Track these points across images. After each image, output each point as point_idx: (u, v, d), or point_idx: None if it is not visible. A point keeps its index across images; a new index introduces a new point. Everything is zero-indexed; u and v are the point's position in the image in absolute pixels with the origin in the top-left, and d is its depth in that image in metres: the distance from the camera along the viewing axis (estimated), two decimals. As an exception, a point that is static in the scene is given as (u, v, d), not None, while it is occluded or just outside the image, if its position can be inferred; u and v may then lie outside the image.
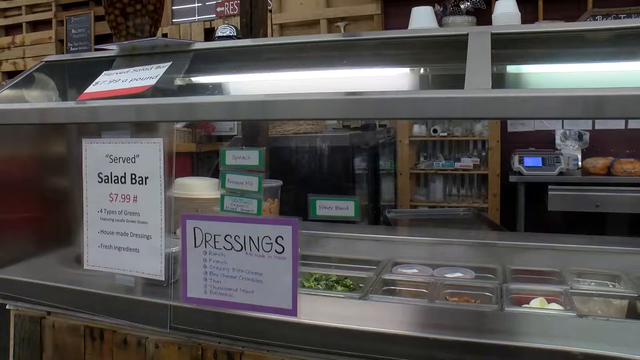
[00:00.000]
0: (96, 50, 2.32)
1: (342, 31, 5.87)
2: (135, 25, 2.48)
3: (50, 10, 7.55)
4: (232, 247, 1.51)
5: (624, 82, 1.57)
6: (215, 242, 1.53)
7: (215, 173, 1.74)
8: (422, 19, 3.32)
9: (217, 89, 2.23)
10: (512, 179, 4.68)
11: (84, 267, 1.80)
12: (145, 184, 1.70)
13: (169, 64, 1.91)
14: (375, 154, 4.97)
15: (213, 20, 6.62)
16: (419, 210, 5.01)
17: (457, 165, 5.19)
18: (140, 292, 1.74)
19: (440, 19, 5.15)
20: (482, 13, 5.17)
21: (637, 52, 1.75)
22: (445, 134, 5.25)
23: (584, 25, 1.85)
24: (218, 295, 1.55)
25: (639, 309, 1.64)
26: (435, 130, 5.23)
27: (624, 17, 4.75)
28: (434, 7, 5.16)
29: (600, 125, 5.05)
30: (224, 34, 3.93)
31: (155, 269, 1.68)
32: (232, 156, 1.60)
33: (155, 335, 1.67)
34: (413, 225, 3.80)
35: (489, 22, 4.52)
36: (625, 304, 1.68)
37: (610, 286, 1.83)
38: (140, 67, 1.95)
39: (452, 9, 5.28)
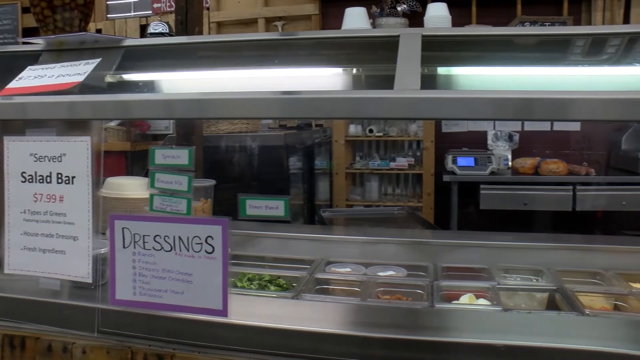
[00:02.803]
0: (23, 44, 2.23)
1: (280, 30, 5.86)
2: (63, 19, 2.39)
3: (-28, -1, 7.18)
4: (162, 247, 1.48)
5: (547, 85, 1.65)
6: (144, 242, 1.50)
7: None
8: (355, 20, 3.37)
9: (149, 87, 2.18)
10: (446, 178, 4.80)
11: (5, 272, 1.72)
12: (72, 183, 1.65)
13: (99, 60, 1.86)
14: (310, 154, 4.99)
15: (150, 16, 6.48)
16: (353, 209, 5.07)
17: (393, 165, 5.28)
18: (66, 295, 1.68)
19: (377, 19, 5.22)
20: (418, 15, 5.28)
21: (558, 58, 1.83)
22: (381, 134, 5.33)
23: (510, 30, 1.92)
24: (147, 296, 1.51)
25: (557, 300, 1.72)
26: (371, 130, 5.30)
27: (548, 25, 4.96)
28: (371, 8, 5.24)
29: (529, 126, 5.26)
30: (156, 31, 3.85)
31: (82, 271, 1.62)
32: (162, 155, 1.57)
33: (82, 340, 1.62)
34: (348, 224, 3.84)
35: (422, 24, 4.63)
36: (546, 297, 1.76)
37: (534, 281, 1.91)
38: (68, 63, 1.88)
39: (389, 11, 5.36)
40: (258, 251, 2.17)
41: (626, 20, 5.10)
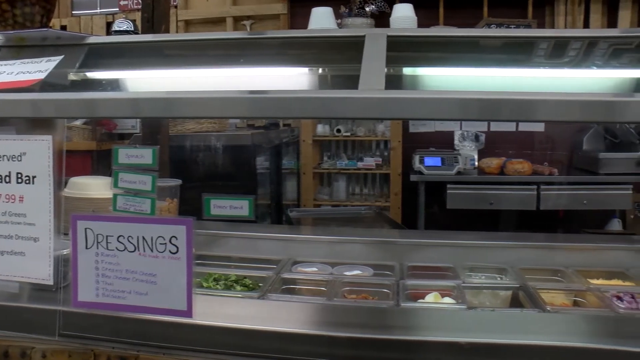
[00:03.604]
0: (-19, 40, 2.16)
1: (248, 30, 5.83)
2: (24, 14, 2.33)
3: None
4: (125, 248, 1.46)
5: (511, 86, 1.67)
6: (107, 243, 1.48)
7: (115, 172, 1.67)
8: (321, 20, 3.38)
9: (114, 85, 2.15)
10: (413, 178, 4.84)
11: (-39, 275, 1.67)
12: (33, 183, 1.61)
13: (61, 57, 1.82)
14: (278, 153, 4.99)
15: (116, 13, 6.38)
16: (321, 209, 5.08)
17: (360, 164, 5.30)
18: (25, 298, 1.64)
19: (343, 20, 5.24)
20: (386, 16, 5.32)
21: (523, 60, 1.87)
22: (349, 133, 5.34)
23: (474, 32, 1.95)
24: (111, 298, 1.49)
25: (520, 298, 1.75)
26: (338, 130, 5.31)
27: (513, 27, 5.05)
28: (339, 8, 5.26)
29: (495, 127, 5.34)
30: (121, 29, 3.80)
31: (43, 273, 1.59)
32: (125, 154, 1.55)
33: (42, 344, 1.58)
34: (315, 224, 3.84)
35: (389, 25, 4.67)
36: (510, 295, 1.79)
37: (498, 279, 1.94)
38: (29, 60, 1.84)
39: (358, 11, 5.38)
40: (224, 251, 2.15)
41: (586, 24, 5.26)
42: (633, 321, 1.55)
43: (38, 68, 1.76)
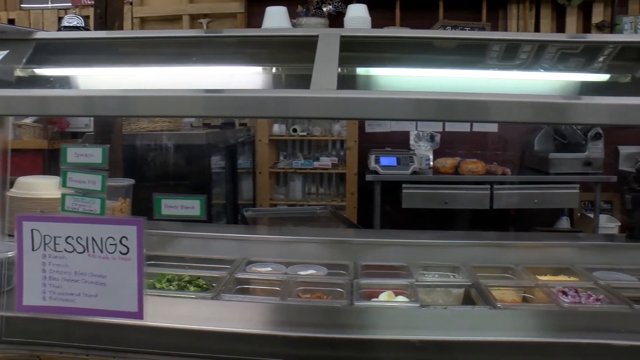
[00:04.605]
0: None
1: (205, 28, 5.77)
2: (-34, 8, 2.25)
3: None
4: (74, 249, 1.42)
5: (464, 87, 1.70)
6: (55, 244, 1.44)
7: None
8: (275, 19, 3.36)
9: (64, 82, 2.10)
10: (369, 177, 4.86)
11: None
12: (-24, 183, 1.55)
13: (6, 52, 1.77)
14: (233, 153, 4.95)
15: (68, 8, 6.21)
16: (276, 209, 5.05)
17: (316, 164, 5.29)
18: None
19: (298, 19, 5.23)
20: (343, 16, 5.33)
21: (475, 61, 1.90)
22: (305, 133, 5.33)
23: (427, 33, 1.98)
24: (58, 301, 1.45)
25: (472, 295, 1.79)
26: (294, 130, 5.29)
27: (468, 30, 5.15)
28: (297, 8, 5.25)
29: (450, 127, 5.42)
30: (71, 25, 3.71)
31: (-14, 277, 1.54)
32: (74, 153, 1.51)
33: (-17, 352, 1.53)
34: (270, 224, 3.82)
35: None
36: (462, 292, 1.83)
37: (451, 277, 1.97)
38: (-29, 55, 1.78)
39: (315, 11, 5.39)
40: (178, 251, 2.13)
41: (537, 28, 5.41)
42: (576, 315, 1.61)
43: (-20, 63, 1.71)
